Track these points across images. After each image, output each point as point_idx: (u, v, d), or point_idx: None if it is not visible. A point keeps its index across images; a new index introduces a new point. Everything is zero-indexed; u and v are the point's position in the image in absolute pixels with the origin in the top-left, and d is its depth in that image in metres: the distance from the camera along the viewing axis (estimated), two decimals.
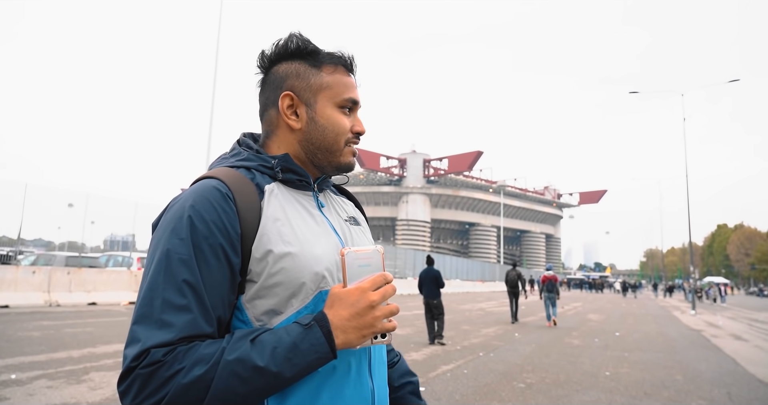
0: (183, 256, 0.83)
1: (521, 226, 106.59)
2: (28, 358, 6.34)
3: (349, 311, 0.84)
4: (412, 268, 33.08)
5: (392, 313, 0.87)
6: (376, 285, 0.86)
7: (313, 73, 1.03)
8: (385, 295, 0.86)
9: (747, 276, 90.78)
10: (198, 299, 0.82)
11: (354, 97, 1.04)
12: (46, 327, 9.13)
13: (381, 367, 1.02)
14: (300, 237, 0.94)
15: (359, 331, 0.84)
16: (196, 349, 0.78)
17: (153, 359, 0.76)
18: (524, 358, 8.28)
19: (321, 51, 1.05)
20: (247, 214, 0.90)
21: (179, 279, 0.82)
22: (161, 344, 0.77)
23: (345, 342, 0.84)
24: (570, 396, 5.76)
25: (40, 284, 13.03)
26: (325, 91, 1.02)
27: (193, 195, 0.89)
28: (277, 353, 0.79)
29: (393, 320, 0.88)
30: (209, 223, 0.86)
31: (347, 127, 1.04)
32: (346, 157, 1.05)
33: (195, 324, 0.81)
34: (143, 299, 0.82)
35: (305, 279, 0.90)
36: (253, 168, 1.00)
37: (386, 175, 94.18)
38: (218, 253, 0.85)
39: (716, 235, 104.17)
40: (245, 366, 0.77)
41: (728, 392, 6.32)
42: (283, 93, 1.02)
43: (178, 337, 0.79)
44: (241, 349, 0.79)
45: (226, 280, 0.86)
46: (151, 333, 0.78)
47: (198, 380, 0.76)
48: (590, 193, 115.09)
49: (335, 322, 0.84)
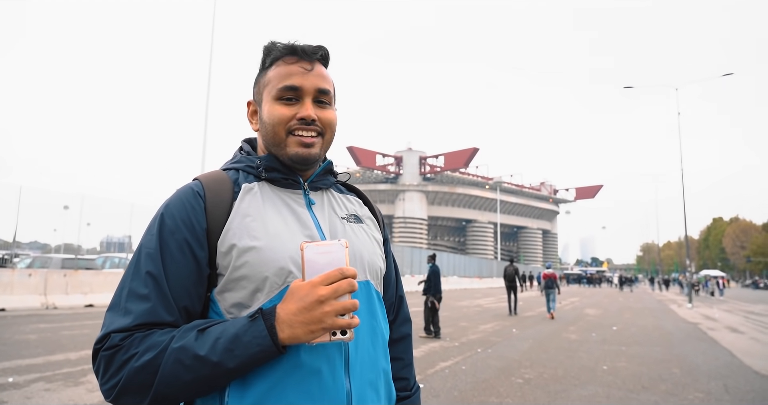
0: (150, 250, 0.91)
1: (518, 222, 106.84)
2: (26, 361, 6.32)
3: (297, 305, 0.83)
4: (410, 266, 33.10)
5: (346, 310, 0.83)
6: (329, 280, 0.83)
7: (262, 75, 1.07)
8: (338, 290, 0.82)
9: (743, 269, 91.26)
10: (158, 289, 0.88)
11: (291, 84, 1.00)
12: (43, 330, 9.10)
13: (365, 367, 0.97)
14: (270, 233, 0.96)
15: (306, 326, 0.82)
16: (151, 337, 0.84)
17: (112, 343, 0.83)
18: (522, 354, 8.30)
19: (275, 49, 1.04)
20: (215, 210, 0.96)
21: (144, 271, 0.89)
22: (119, 329, 0.84)
23: (291, 336, 0.82)
24: (568, 391, 5.77)
25: (36, 287, 12.98)
26: (266, 88, 1.04)
27: (172, 196, 0.98)
28: (218, 344, 0.82)
29: (355, 317, 0.85)
30: (177, 219, 0.93)
31: (284, 116, 1.00)
32: (291, 148, 1.01)
33: (153, 312, 0.86)
34: (116, 289, 0.91)
35: (268, 273, 0.92)
36: (240, 169, 1.06)
37: (382, 173, 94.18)
38: (183, 248, 0.91)
39: (712, 229, 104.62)
40: (187, 354, 0.81)
41: (725, 384, 6.36)
42: (247, 101, 1.10)
43: (134, 323, 0.85)
44: (187, 338, 0.83)
45: (192, 272, 0.91)
46: (114, 319, 0.86)
47: (147, 365, 0.81)
48: (586, 188, 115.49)
49: (282, 316, 0.83)
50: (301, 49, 1.02)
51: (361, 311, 0.99)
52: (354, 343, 0.95)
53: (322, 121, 1.02)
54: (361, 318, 0.99)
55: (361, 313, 0.99)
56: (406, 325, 1.26)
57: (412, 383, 1.21)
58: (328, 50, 1.07)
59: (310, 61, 1.03)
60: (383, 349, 1.04)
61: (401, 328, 1.24)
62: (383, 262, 1.14)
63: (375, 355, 1.01)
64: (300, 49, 1.02)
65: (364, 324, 1.00)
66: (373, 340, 1.01)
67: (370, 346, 1.00)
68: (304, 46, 1.02)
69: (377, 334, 1.03)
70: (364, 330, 0.99)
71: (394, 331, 1.22)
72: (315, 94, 1.02)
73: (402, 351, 1.22)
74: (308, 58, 1.02)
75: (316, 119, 1.00)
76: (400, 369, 1.20)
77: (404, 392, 1.18)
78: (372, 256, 1.08)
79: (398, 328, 1.23)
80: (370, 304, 1.03)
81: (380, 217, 1.23)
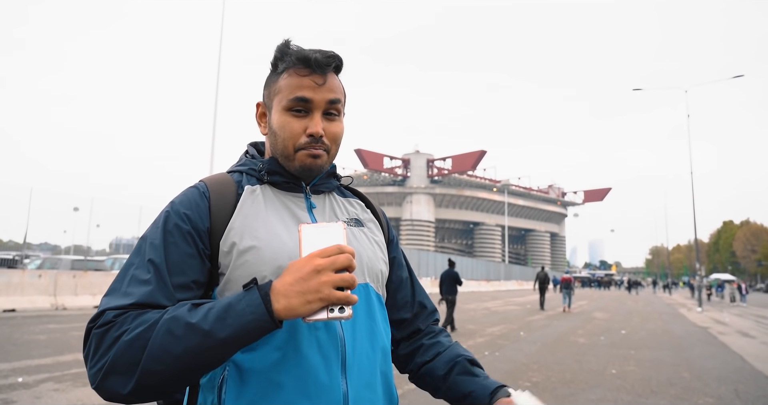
0: (154, 241, 0.92)
1: (526, 225, 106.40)
2: (35, 361, 6.38)
3: (293, 276, 0.81)
4: (417, 269, 33.07)
5: (344, 282, 0.80)
6: (326, 253, 0.82)
7: (274, 79, 1.06)
8: (335, 262, 0.81)
9: (754, 272, 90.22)
10: (158, 276, 0.88)
11: (302, 95, 0.99)
12: (53, 330, 9.17)
13: (362, 369, 0.96)
14: (271, 233, 0.97)
15: (302, 295, 0.80)
16: (145, 314, 0.83)
17: (106, 320, 0.82)
18: (530, 357, 8.26)
19: (288, 55, 1.03)
20: (218, 211, 0.98)
21: (146, 259, 0.90)
22: (115, 307, 0.84)
23: (287, 306, 0.80)
24: (576, 394, 5.74)
25: (46, 288, 13.09)
26: (278, 95, 1.03)
27: (178, 195, 1.01)
28: (211, 312, 0.80)
29: (353, 295, 0.82)
30: (182, 214, 0.95)
31: (296, 130, 1.00)
32: (300, 161, 1.01)
33: (152, 295, 0.86)
34: (117, 276, 0.91)
35: (267, 272, 0.92)
36: (244, 171, 1.08)
37: (390, 176, 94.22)
38: (186, 238, 0.93)
39: (722, 232, 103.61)
40: (179, 323, 0.79)
41: (735, 389, 6.29)
42: (257, 102, 1.11)
43: (130, 302, 0.84)
44: (179, 309, 0.82)
45: (196, 261, 0.92)
46: (112, 300, 0.86)
47: (137, 337, 0.79)
48: (595, 191, 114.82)
49: (277, 287, 0.81)
50: (315, 62, 0.99)
51: (359, 313, 0.98)
52: (351, 344, 0.95)
53: (329, 136, 1.02)
54: (359, 320, 0.98)
55: (360, 315, 0.98)
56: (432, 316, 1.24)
57: (469, 355, 1.13)
58: (342, 59, 1.05)
59: (323, 73, 1.01)
60: (382, 351, 1.03)
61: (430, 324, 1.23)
62: (385, 265, 1.13)
63: (373, 358, 0.99)
64: (313, 61, 0.99)
65: (363, 326, 0.99)
66: (371, 342, 1.00)
67: (368, 348, 0.99)
68: (319, 58, 1.00)
69: (376, 337, 1.01)
70: (362, 332, 0.98)
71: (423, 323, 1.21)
72: (325, 107, 1.01)
73: (456, 345, 1.16)
74: (321, 71, 1.01)
75: (323, 135, 1.01)
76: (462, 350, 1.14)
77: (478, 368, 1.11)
78: (372, 259, 1.07)
79: (425, 320, 1.22)
80: (369, 306, 1.02)
81: (384, 219, 1.22)
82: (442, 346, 1.16)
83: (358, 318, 0.98)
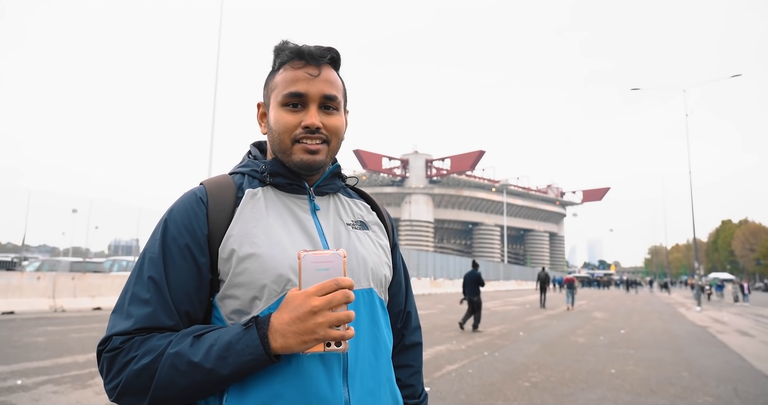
0: (153, 256, 0.93)
1: (524, 225, 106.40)
2: (34, 363, 6.36)
3: (290, 315, 0.82)
4: (416, 269, 33.05)
5: (340, 321, 0.81)
6: (323, 290, 0.81)
7: (271, 78, 1.05)
8: (332, 301, 0.81)
9: (752, 271, 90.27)
10: (159, 294, 0.89)
11: (296, 90, 0.98)
12: (52, 332, 9.15)
13: (365, 376, 0.95)
14: (271, 240, 0.95)
15: (299, 336, 0.81)
16: (150, 340, 0.86)
17: (113, 345, 0.86)
18: (529, 357, 8.25)
19: (284, 50, 1.02)
20: (217, 216, 0.96)
21: (146, 276, 0.91)
22: (120, 332, 0.87)
23: (284, 346, 0.82)
24: (576, 394, 5.74)
25: (44, 290, 13.07)
26: (273, 92, 1.03)
27: (176, 202, 0.99)
28: (212, 351, 0.83)
29: (350, 328, 0.83)
30: (179, 225, 0.94)
31: (290, 124, 0.99)
32: (296, 155, 0.99)
33: (153, 317, 0.88)
34: (121, 292, 0.93)
35: (267, 281, 0.91)
36: (246, 173, 1.06)
37: (388, 176, 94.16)
38: (184, 253, 0.92)
39: (721, 231, 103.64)
40: (182, 360, 0.82)
41: (735, 388, 6.29)
42: (258, 103, 1.10)
43: (134, 327, 0.87)
44: (182, 343, 0.84)
45: (193, 278, 0.92)
46: (117, 322, 0.89)
47: (145, 368, 0.83)
48: (593, 190, 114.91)
49: (275, 326, 0.83)
50: (308, 53, 0.98)
51: (363, 319, 0.97)
52: (354, 352, 0.94)
53: (328, 128, 1.00)
54: (362, 326, 0.97)
55: (363, 321, 0.98)
56: (416, 333, 1.25)
57: (419, 390, 1.21)
58: (338, 53, 1.03)
59: (317, 65, 0.99)
60: (386, 357, 1.02)
61: (411, 337, 1.23)
62: (389, 269, 1.11)
63: (377, 364, 0.99)
64: (307, 52, 0.98)
65: (366, 332, 0.98)
66: (375, 348, 0.99)
67: (371, 354, 0.98)
68: (312, 50, 0.99)
69: (380, 343, 1.01)
70: (365, 338, 0.97)
71: (405, 338, 1.21)
72: (321, 101, 0.99)
73: (412, 358, 1.22)
74: (315, 63, 0.99)
75: (321, 127, 0.98)
76: (409, 376, 1.19)
77: (412, 400, 1.17)
78: (376, 263, 1.06)
79: (409, 336, 1.23)
80: (373, 312, 1.02)
81: (389, 222, 1.20)
82: (404, 374, 1.18)
83: (362, 324, 0.97)
